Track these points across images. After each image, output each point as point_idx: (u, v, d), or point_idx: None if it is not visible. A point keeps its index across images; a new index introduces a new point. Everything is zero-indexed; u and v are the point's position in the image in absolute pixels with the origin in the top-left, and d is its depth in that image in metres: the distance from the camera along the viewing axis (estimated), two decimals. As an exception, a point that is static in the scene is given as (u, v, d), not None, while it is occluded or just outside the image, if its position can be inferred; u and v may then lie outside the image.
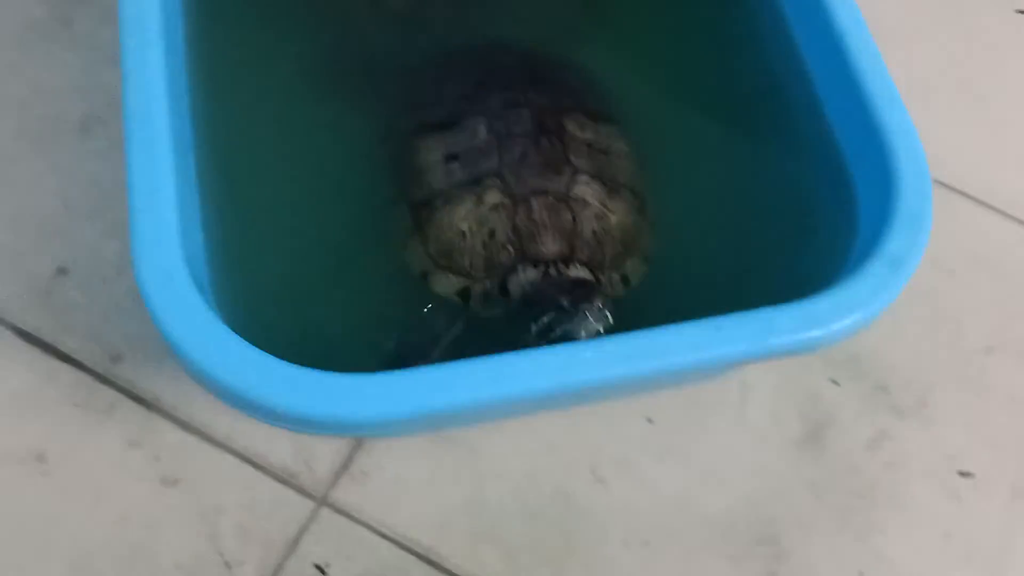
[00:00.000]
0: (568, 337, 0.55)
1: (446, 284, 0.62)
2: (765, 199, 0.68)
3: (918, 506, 0.67)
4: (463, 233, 0.62)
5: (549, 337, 0.55)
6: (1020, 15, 0.91)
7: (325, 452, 0.65)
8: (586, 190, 0.63)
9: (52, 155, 0.73)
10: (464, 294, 0.61)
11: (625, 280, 0.63)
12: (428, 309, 0.62)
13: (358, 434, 0.63)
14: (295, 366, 0.49)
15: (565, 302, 0.56)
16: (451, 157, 0.64)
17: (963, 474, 0.69)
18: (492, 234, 0.61)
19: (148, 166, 0.53)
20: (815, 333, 0.53)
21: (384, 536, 0.63)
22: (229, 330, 0.49)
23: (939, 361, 0.73)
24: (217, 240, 0.57)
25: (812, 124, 0.65)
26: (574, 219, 0.61)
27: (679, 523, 0.65)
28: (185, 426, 0.65)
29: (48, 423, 0.64)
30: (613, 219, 0.63)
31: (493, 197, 0.62)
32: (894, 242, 0.56)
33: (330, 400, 0.49)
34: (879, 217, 0.58)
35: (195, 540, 0.61)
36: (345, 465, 0.64)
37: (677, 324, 0.52)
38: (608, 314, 0.56)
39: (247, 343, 0.49)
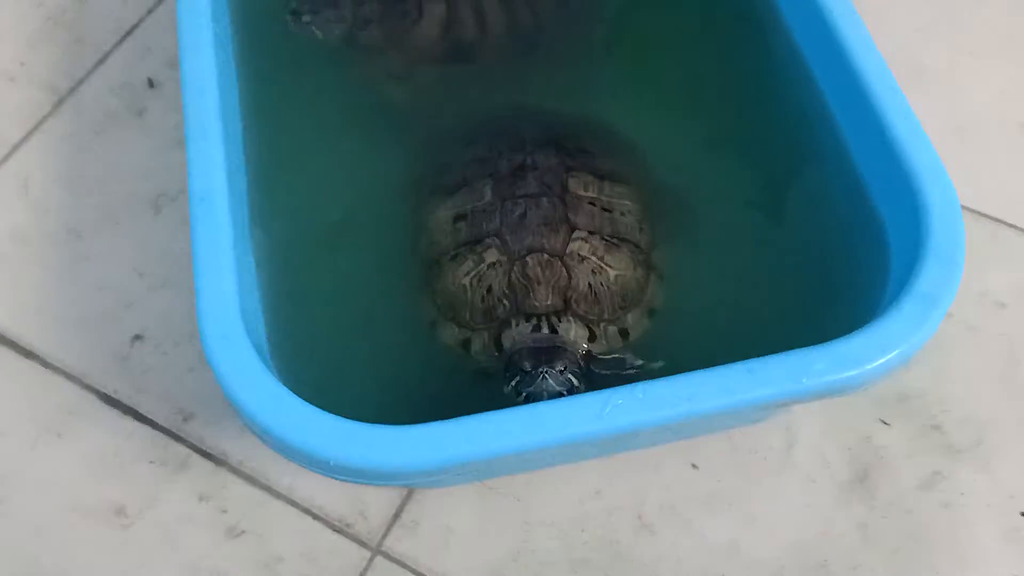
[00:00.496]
0: (533, 398, 0.58)
1: (450, 335, 0.66)
2: (796, 242, 0.70)
3: (979, 550, 0.66)
4: (465, 288, 0.65)
5: (519, 397, 0.59)
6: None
7: (378, 502, 0.67)
8: (583, 246, 0.66)
9: (128, 231, 0.79)
10: (466, 344, 0.65)
11: (624, 333, 0.65)
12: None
13: (406, 483, 0.66)
14: (347, 420, 0.52)
15: (528, 365, 0.59)
16: (459, 218, 0.69)
17: (1026, 514, 0.67)
18: (489, 289, 0.65)
19: (210, 241, 0.58)
20: (849, 373, 0.54)
21: (436, 584, 0.64)
22: (284, 387, 0.53)
23: (994, 397, 0.72)
24: (272, 298, 0.62)
25: (839, 166, 0.67)
26: (569, 274, 0.64)
27: (728, 570, 0.65)
28: (250, 480, 0.68)
29: (127, 479, 0.68)
30: (612, 273, 0.66)
31: (491, 256, 0.66)
32: (926, 279, 0.57)
33: (381, 451, 0.52)
34: (911, 255, 0.59)
35: (259, 589, 0.64)
36: (397, 514, 0.67)
37: (709, 369, 0.54)
38: (572, 378, 0.59)
39: (300, 399, 0.53)
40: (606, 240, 0.66)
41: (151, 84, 0.87)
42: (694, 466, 0.68)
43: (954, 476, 0.69)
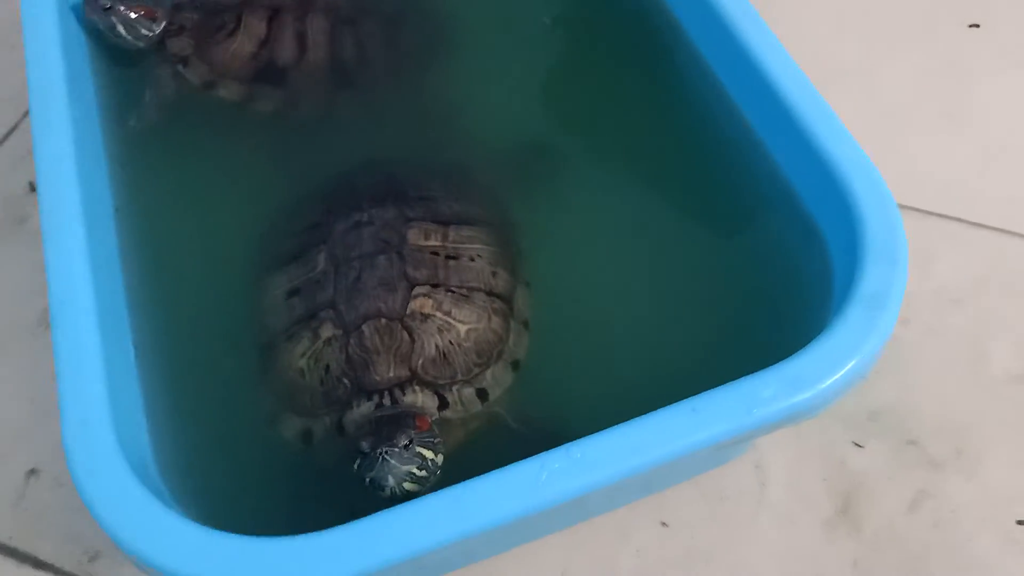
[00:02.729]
0: (378, 485, 0.51)
1: (290, 427, 0.58)
2: (725, 260, 0.65)
3: (980, 566, 0.60)
4: (302, 371, 0.58)
5: (365, 486, 0.51)
6: (974, 29, 0.89)
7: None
8: (425, 302, 0.59)
9: (13, 355, 0.72)
10: (307, 436, 0.57)
11: (482, 393, 0.58)
12: None
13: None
14: (243, 537, 0.45)
15: (366, 445, 0.51)
16: (292, 292, 0.62)
17: (1022, 522, 0.61)
18: (328, 369, 0.58)
19: (75, 351, 0.51)
20: (803, 396, 0.49)
21: None
22: (166, 508, 0.46)
23: (967, 400, 0.67)
24: (157, 403, 0.55)
25: (766, 177, 0.62)
26: (412, 337, 0.58)
27: (713, 634, 0.58)
28: (167, 618, 0.60)
29: (26, 640, 0.60)
30: (462, 328, 0.59)
31: (327, 330, 0.59)
32: (869, 280, 0.52)
33: (288, 566, 0.44)
34: (851, 258, 0.54)
35: None
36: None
37: (649, 414, 0.48)
38: (424, 451, 0.52)
39: (185, 519, 0.46)
40: (453, 292, 0.60)
41: (33, 188, 0.82)
42: (664, 524, 0.62)
43: (940, 492, 0.63)
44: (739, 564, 0.61)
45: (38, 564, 0.63)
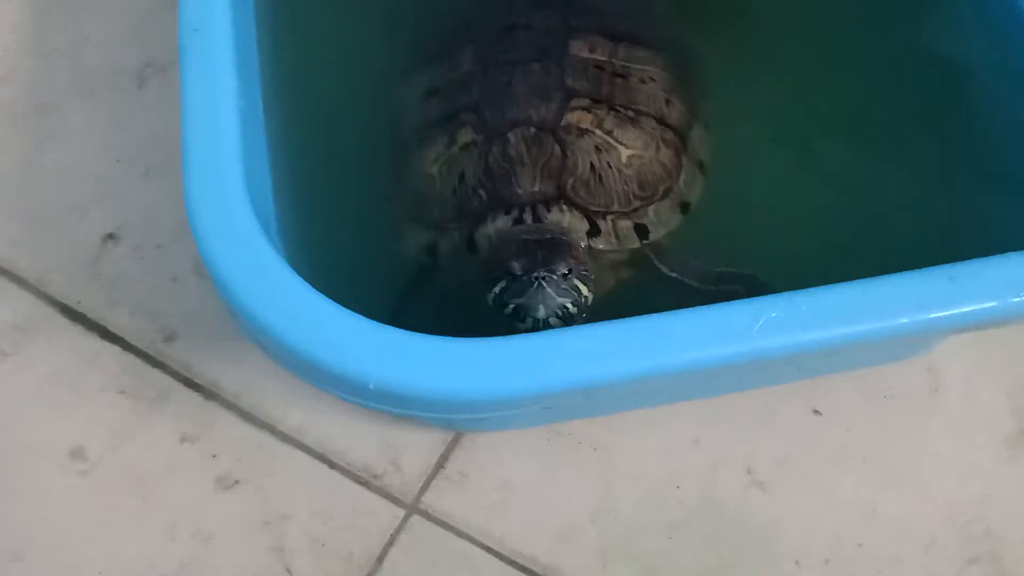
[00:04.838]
0: (523, 314, 0.45)
1: (413, 239, 0.54)
2: (956, 155, 0.56)
3: None
4: (432, 178, 0.54)
5: (504, 312, 0.46)
6: None
7: (416, 449, 0.55)
8: (584, 116, 0.53)
9: (107, 108, 0.66)
10: (431, 250, 0.53)
11: (642, 230, 0.52)
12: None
13: (473, 417, 0.53)
14: (410, 333, 0.39)
15: (517, 267, 0.45)
16: (431, 92, 0.57)
17: None
18: (462, 177, 0.53)
19: (207, 83, 0.44)
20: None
21: (489, 550, 0.53)
22: (309, 286, 0.39)
23: None
24: (282, 176, 0.48)
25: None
26: (564, 152, 0.52)
27: (866, 537, 0.53)
28: (248, 417, 0.56)
29: (89, 412, 0.56)
30: (624, 152, 0.53)
31: (465, 135, 0.54)
32: None
33: (435, 371, 0.39)
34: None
35: (258, 554, 0.53)
36: (440, 464, 0.55)
37: (892, 275, 0.40)
38: (581, 285, 0.46)
39: (324, 297, 0.39)
40: (617, 111, 0.54)
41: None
42: (816, 412, 0.56)
43: None
44: (899, 469, 0.54)
45: (106, 335, 0.59)
